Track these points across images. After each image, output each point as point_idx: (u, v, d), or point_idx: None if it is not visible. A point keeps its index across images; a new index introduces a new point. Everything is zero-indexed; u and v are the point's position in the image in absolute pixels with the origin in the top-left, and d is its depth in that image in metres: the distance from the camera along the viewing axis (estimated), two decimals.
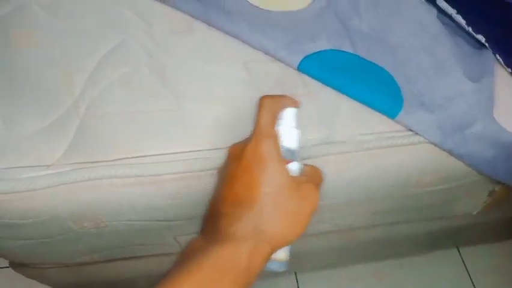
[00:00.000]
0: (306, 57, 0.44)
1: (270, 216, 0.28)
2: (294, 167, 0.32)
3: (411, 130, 0.42)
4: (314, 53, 0.45)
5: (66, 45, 0.46)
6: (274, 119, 0.33)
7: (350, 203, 0.46)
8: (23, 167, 0.38)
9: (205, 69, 0.45)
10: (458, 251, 0.87)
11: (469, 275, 0.84)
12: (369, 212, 0.49)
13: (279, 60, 0.45)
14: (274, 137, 0.31)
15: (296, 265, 0.78)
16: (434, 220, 0.59)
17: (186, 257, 0.27)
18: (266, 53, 0.46)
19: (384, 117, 0.43)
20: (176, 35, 0.48)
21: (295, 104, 0.35)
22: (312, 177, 0.33)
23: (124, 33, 0.47)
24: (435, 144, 0.42)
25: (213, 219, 0.30)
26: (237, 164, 0.30)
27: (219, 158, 0.40)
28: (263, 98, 0.33)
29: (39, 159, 0.39)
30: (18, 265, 0.54)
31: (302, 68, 0.44)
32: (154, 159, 0.40)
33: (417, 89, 0.43)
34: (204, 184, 0.40)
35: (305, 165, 0.34)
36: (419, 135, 0.42)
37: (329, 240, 0.61)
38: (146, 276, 0.60)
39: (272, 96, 0.34)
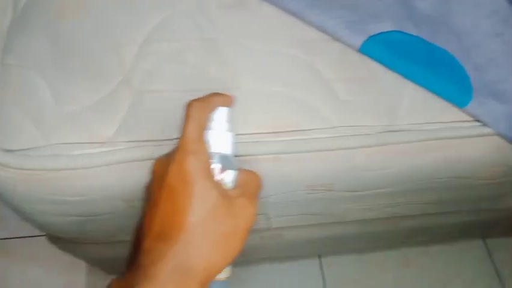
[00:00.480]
0: (369, 38, 0.42)
1: (200, 248, 0.25)
2: (228, 178, 0.29)
3: (478, 121, 0.40)
4: (377, 34, 0.42)
5: (113, 16, 0.43)
6: (203, 126, 0.29)
7: (406, 192, 0.45)
8: (75, 143, 0.37)
9: (259, 47, 0.43)
10: (484, 241, 0.86)
11: (494, 265, 0.84)
12: (422, 201, 0.48)
13: (339, 40, 0.43)
14: (202, 152, 0.28)
15: (319, 249, 0.78)
16: (477, 212, 0.58)
17: None
18: (325, 32, 0.43)
19: (449, 106, 0.40)
20: (227, 10, 0.45)
21: (227, 101, 0.31)
22: (248, 186, 0.30)
23: (173, 5, 0.44)
24: (503, 137, 0.40)
25: (137, 254, 0.26)
26: (159, 187, 0.27)
27: (279, 142, 0.39)
28: (190, 105, 0.29)
29: (91, 135, 0.37)
30: (55, 238, 0.54)
31: (364, 49, 0.42)
32: None
33: (488, 78, 0.41)
34: (263, 169, 0.39)
35: (240, 171, 0.30)
36: (487, 126, 0.40)
37: (364, 226, 0.60)
38: None
39: (200, 101, 0.30)
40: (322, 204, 0.48)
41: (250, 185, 0.30)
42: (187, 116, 0.28)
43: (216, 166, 0.29)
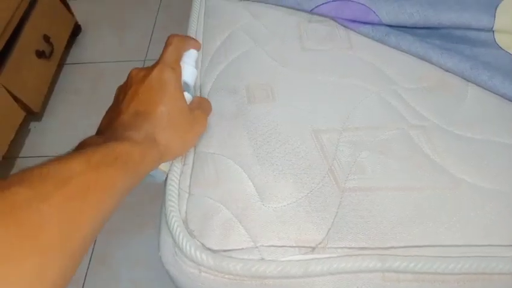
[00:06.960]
0: None
1: (164, 130, 0.33)
2: (187, 96, 0.37)
3: None
4: None
5: (306, 100, 0.41)
6: (179, 56, 0.39)
7: None
8: (283, 246, 0.33)
9: (473, 137, 0.37)
10: None
11: None
12: None
13: None
14: (177, 70, 0.36)
15: None
16: None
17: (80, 147, 0.29)
18: None
19: None
20: (427, 92, 0.41)
21: (197, 45, 0.42)
22: (202, 106, 0.39)
23: (363, 90, 0.41)
24: None
25: (112, 124, 0.33)
26: (139, 85, 0.34)
27: None
28: (171, 36, 0.38)
29: (300, 238, 0.33)
30: None
31: None
32: (434, 252, 0.32)
33: None
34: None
35: (197, 97, 0.39)
36: None
37: None
38: None
39: (179, 36, 0.39)
40: None
41: (204, 105, 0.39)
42: (168, 43, 0.38)
43: None
